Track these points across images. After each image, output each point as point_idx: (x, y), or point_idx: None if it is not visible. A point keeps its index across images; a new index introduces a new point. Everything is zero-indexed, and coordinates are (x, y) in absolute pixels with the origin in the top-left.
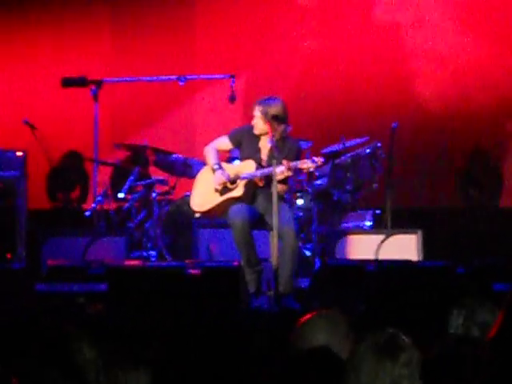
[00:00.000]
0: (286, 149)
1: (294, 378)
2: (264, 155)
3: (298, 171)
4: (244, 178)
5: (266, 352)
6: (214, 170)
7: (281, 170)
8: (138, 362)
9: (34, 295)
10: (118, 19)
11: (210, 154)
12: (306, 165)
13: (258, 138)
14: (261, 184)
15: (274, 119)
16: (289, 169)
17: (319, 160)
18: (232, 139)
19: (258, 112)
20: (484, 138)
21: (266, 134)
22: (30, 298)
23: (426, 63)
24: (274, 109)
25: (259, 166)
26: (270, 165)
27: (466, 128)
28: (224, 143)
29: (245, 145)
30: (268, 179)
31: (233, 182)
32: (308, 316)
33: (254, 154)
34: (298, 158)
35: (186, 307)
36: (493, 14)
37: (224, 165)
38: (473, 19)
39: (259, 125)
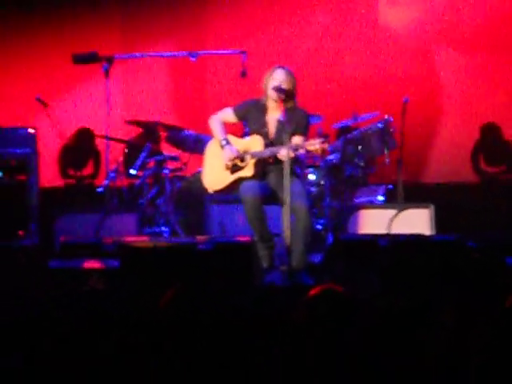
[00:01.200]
0: (294, 120)
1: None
2: (271, 129)
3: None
4: (254, 157)
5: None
6: (222, 147)
7: (286, 153)
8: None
9: (46, 272)
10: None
11: (216, 126)
12: (314, 147)
13: (264, 111)
14: (270, 161)
15: (290, 92)
16: (296, 149)
17: (326, 144)
18: (237, 112)
19: (287, 77)
20: (497, 112)
21: (277, 104)
22: (42, 275)
23: (439, 38)
24: (293, 81)
25: (267, 139)
26: (277, 138)
27: (479, 102)
28: (229, 116)
29: (251, 119)
30: (277, 156)
31: (242, 158)
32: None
33: (261, 128)
34: (306, 128)
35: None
36: None
37: (232, 138)
38: None
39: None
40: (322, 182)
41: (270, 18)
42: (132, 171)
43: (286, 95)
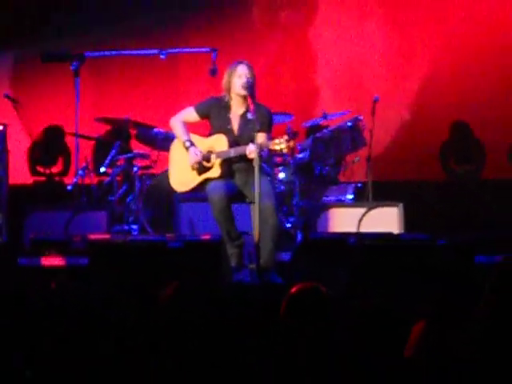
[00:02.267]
0: (259, 117)
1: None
2: (234, 126)
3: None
4: (218, 157)
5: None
6: (186, 148)
7: (253, 149)
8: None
9: (16, 269)
10: None
11: (178, 128)
12: (279, 146)
13: (227, 108)
14: (236, 159)
15: (253, 88)
16: (261, 148)
17: (291, 142)
18: (199, 111)
19: (250, 72)
20: (467, 110)
21: (242, 101)
22: (12, 272)
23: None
24: (255, 75)
25: (231, 136)
26: (241, 135)
27: (448, 101)
28: (190, 115)
29: (214, 116)
30: (242, 155)
31: (207, 159)
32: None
33: (225, 126)
34: (270, 126)
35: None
36: None
37: (195, 138)
38: None
39: (252, 84)
40: (292, 181)
41: (240, 16)
42: (102, 169)
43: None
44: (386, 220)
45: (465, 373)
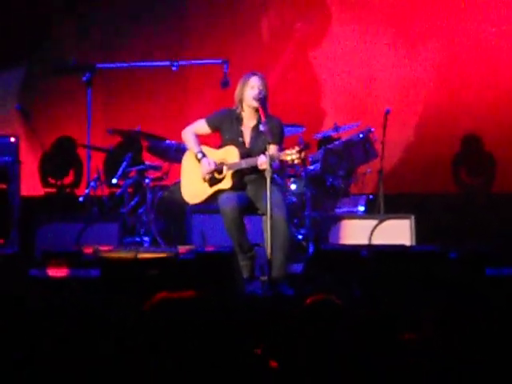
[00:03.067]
0: (270, 128)
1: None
2: (246, 138)
3: (282, 162)
4: (230, 169)
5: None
6: (198, 160)
7: (264, 161)
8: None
9: (27, 280)
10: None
11: (190, 140)
12: (290, 157)
13: (239, 120)
14: (247, 171)
15: (265, 100)
16: (272, 160)
17: (302, 153)
18: (210, 123)
19: (263, 84)
20: (478, 123)
21: (254, 113)
22: (23, 283)
23: (425, 48)
24: (267, 87)
25: (243, 149)
26: (253, 147)
27: (461, 114)
28: (202, 127)
29: (225, 129)
30: (254, 167)
31: (219, 170)
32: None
33: (237, 139)
34: (281, 137)
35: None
36: None
37: (206, 150)
38: None
39: (264, 96)
40: (304, 192)
41: (250, 27)
42: (113, 180)
43: (264, 102)
44: (398, 232)
45: (465, 374)
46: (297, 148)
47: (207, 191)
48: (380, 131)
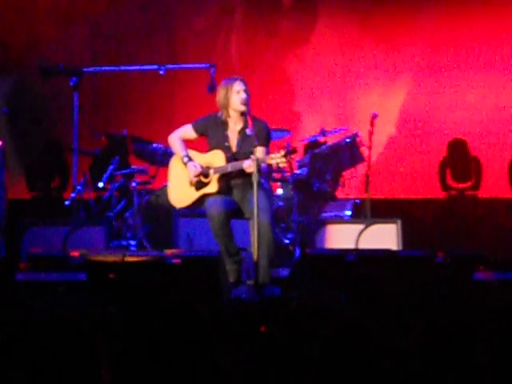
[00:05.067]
0: (256, 132)
1: None
2: (232, 142)
3: (268, 166)
4: (216, 173)
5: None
6: (185, 164)
7: (249, 164)
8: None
9: (13, 284)
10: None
11: (176, 144)
12: (275, 160)
13: (224, 125)
14: (234, 175)
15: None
16: (258, 163)
17: (288, 157)
18: (196, 128)
19: (247, 88)
20: (464, 128)
21: (241, 115)
22: (9, 288)
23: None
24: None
25: (229, 153)
26: (240, 151)
27: (446, 118)
28: (188, 132)
29: (211, 133)
30: (240, 170)
31: (206, 174)
32: None
33: (223, 143)
34: (267, 140)
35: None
36: None
37: (193, 154)
38: None
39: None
40: (290, 197)
41: (237, 33)
42: (100, 184)
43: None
44: (384, 237)
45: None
46: (282, 152)
47: (193, 195)
48: (366, 136)
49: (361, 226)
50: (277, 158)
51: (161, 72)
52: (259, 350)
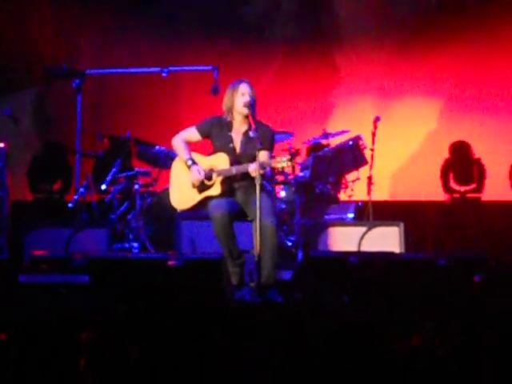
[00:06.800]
0: (261, 135)
1: None
2: (236, 144)
3: (272, 169)
4: (220, 175)
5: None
6: (188, 167)
7: (255, 168)
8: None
9: (16, 286)
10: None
11: (180, 147)
12: (280, 164)
13: (229, 127)
14: (237, 178)
15: (254, 106)
16: (263, 167)
17: (292, 161)
18: (200, 130)
19: (252, 91)
20: (467, 132)
21: (245, 118)
22: (12, 289)
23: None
24: (255, 95)
25: (233, 155)
26: (243, 153)
27: (449, 121)
28: (193, 134)
29: (215, 135)
30: (244, 173)
31: (209, 177)
32: None
33: (227, 145)
34: (271, 144)
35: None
36: None
37: (196, 156)
38: None
39: (254, 102)
40: (293, 199)
41: (240, 36)
42: (102, 186)
43: (253, 109)
44: (387, 239)
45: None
46: (288, 156)
47: (196, 197)
48: (370, 138)
49: (363, 229)
50: (282, 162)
51: (163, 74)
52: (262, 349)
